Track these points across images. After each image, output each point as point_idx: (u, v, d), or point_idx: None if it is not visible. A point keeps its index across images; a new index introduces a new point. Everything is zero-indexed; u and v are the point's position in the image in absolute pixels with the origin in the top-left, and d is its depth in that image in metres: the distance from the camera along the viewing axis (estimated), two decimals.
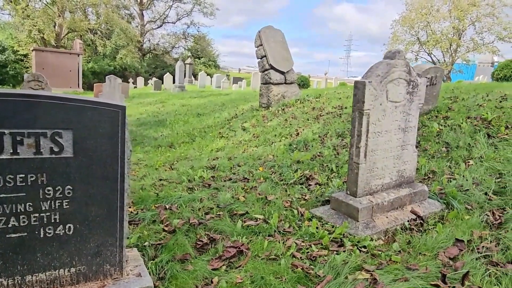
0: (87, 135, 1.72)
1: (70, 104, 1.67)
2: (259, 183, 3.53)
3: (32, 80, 8.02)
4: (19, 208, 1.63)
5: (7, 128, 1.56)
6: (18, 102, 1.56)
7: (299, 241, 2.41)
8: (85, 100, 1.71)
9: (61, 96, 1.66)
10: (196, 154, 5.55)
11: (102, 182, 1.79)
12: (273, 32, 7.97)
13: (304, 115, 6.66)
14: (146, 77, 37.89)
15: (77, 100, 1.69)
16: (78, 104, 1.68)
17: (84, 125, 1.70)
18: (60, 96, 1.66)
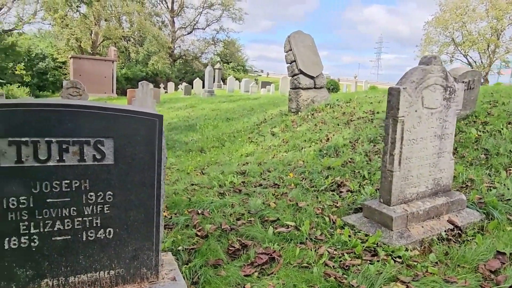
0: (126, 143, 1.79)
1: (112, 113, 1.74)
2: (289, 189, 3.53)
3: (71, 87, 8.39)
4: (64, 212, 1.72)
5: (54, 136, 1.65)
6: (64, 112, 1.65)
7: (332, 249, 2.39)
8: (125, 109, 1.78)
9: (103, 106, 1.74)
10: (226, 159, 5.62)
11: (140, 188, 1.85)
12: (303, 37, 7.96)
13: (334, 120, 6.59)
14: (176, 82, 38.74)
15: (118, 109, 1.76)
16: (119, 114, 1.76)
17: (124, 133, 1.77)
18: (102, 106, 1.74)
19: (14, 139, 1.58)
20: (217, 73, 29.04)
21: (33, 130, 1.61)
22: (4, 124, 1.55)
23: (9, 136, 1.57)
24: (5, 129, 1.56)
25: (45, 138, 1.63)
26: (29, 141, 1.61)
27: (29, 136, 1.61)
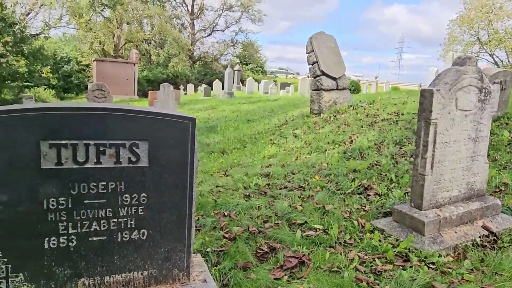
0: (160, 145, 1.81)
1: (147, 116, 1.77)
2: (315, 192, 3.50)
3: (96, 89, 8.58)
4: (100, 213, 1.75)
5: (92, 139, 1.69)
6: (102, 115, 1.69)
7: (362, 253, 2.35)
8: (159, 113, 1.80)
9: (138, 109, 1.77)
10: (249, 161, 5.62)
11: (173, 190, 1.87)
12: (325, 38, 7.90)
13: (357, 122, 6.51)
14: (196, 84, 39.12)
15: (153, 113, 1.79)
16: (154, 117, 1.78)
17: (158, 136, 1.80)
18: (137, 109, 1.77)
19: (54, 141, 1.62)
20: (236, 74, 29.17)
21: (72, 133, 1.65)
22: (46, 127, 1.60)
23: (50, 139, 1.62)
24: (46, 132, 1.60)
25: (83, 141, 1.67)
26: (68, 143, 1.65)
27: (69, 139, 1.65)
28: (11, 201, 1.59)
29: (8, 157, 1.56)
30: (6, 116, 1.53)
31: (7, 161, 1.56)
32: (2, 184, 1.57)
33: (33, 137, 1.59)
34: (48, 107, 1.61)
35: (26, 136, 1.58)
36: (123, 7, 27.90)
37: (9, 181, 1.58)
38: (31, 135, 1.58)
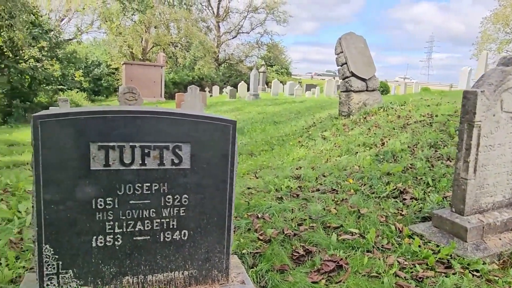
0: (202, 148, 1.84)
1: (189, 119, 1.80)
2: (349, 195, 3.45)
3: (127, 92, 8.81)
4: (145, 213, 1.80)
5: (137, 141, 1.73)
6: (147, 118, 1.73)
7: (401, 259, 2.30)
8: (202, 115, 1.83)
9: (181, 112, 1.81)
10: (278, 163, 5.62)
11: (214, 192, 1.90)
12: (354, 38, 7.79)
13: (388, 124, 6.37)
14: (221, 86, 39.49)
15: (195, 116, 1.82)
16: (196, 120, 1.81)
17: (200, 138, 1.83)
18: (180, 112, 1.80)
19: (103, 144, 1.68)
20: (261, 76, 29.24)
21: (120, 136, 1.70)
22: (95, 130, 1.66)
23: (99, 141, 1.67)
24: (96, 134, 1.66)
25: (129, 143, 1.72)
26: (116, 146, 1.70)
27: (116, 141, 1.70)
28: (62, 200, 1.66)
29: (61, 158, 1.63)
30: (61, 119, 1.60)
31: (59, 162, 1.63)
32: (54, 184, 1.64)
33: (84, 139, 1.65)
34: (98, 110, 1.67)
35: (78, 138, 1.64)
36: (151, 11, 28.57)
37: (61, 181, 1.65)
38: (82, 137, 1.65)
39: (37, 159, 1.61)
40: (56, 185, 1.65)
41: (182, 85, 37.30)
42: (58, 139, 1.62)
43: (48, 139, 1.60)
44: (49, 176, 1.63)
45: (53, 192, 1.64)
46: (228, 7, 42.68)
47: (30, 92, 17.47)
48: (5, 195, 4.57)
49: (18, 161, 7.12)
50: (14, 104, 16.44)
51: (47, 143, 1.60)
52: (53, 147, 1.61)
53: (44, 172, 1.62)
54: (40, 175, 1.62)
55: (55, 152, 1.62)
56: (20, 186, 4.86)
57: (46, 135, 1.60)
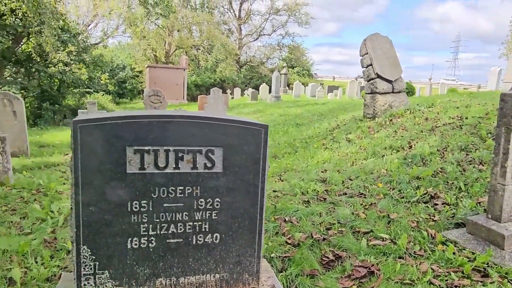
0: (234, 152, 1.85)
1: (222, 123, 1.82)
2: (377, 199, 3.39)
3: (153, 95, 8.97)
4: (178, 216, 1.82)
5: (171, 145, 1.76)
6: (181, 122, 1.76)
7: (435, 266, 2.24)
8: (234, 120, 1.84)
9: (214, 116, 1.82)
10: (302, 166, 5.58)
11: (245, 196, 1.90)
12: (380, 39, 7.67)
13: (416, 126, 6.23)
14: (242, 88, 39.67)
15: (228, 120, 1.83)
16: (229, 124, 1.83)
17: (232, 142, 1.84)
18: (213, 116, 1.82)
19: (139, 148, 1.72)
20: (283, 78, 29.18)
21: (155, 140, 1.73)
22: (132, 134, 1.69)
23: (135, 145, 1.71)
24: (132, 138, 1.70)
25: (164, 147, 1.75)
26: (150, 149, 1.74)
27: (151, 145, 1.73)
28: (99, 203, 1.70)
29: (98, 161, 1.67)
30: (99, 124, 1.64)
31: (97, 165, 1.67)
32: (92, 187, 1.68)
33: (121, 143, 1.69)
34: (135, 115, 1.71)
35: (115, 142, 1.68)
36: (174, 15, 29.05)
37: (98, 184, 1.69)
38: (119, 141, 1.68)
39: (76, 162, 1.66)
40: (94, 188, 1.69)
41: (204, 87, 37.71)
42: (96, 143, 1.66)
43: (87, 143, 1.65)
44: (87, 179, 1.67)
45: (90, 194, 1.69)
46: (249, 10, 42.90)
47: (59, 95, 18.04)
48: (38, 195, 4.73)
49: (49, 162, 7.36)
50: (44, 107, 17.02)
51: (85, 147, 1.65)
52: (91, 151, 1.66)
53: (82, 175, 1.67)
54: (79, 178, 1.67)
55: (93, 156, 1.66)
56: (52, 186, 5.03)
57: (85, 139, 1.65)
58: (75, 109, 18.43)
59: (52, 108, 17.04)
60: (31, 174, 5.98)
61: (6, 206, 4.27)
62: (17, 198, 4.53)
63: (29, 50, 16.01)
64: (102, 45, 25.89)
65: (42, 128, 15.67)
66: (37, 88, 17.04)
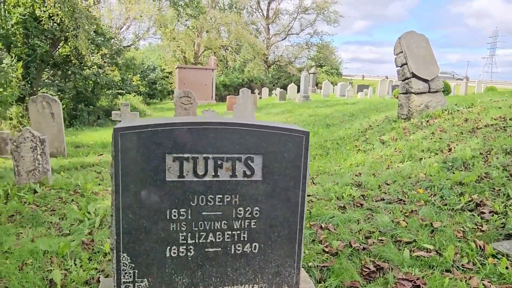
0: (274, 159, 1.79)
1: (262, 130, 1.76)
2: (418, 206, 3.23)
3: (183, 96, 9.08)
4: (216, 225, 1.79)
5: (210, 153, 1.72)
6: (219, 129, 1.72)
7: (486, 281, 2.08)
8: (274, 126, 1.79)
9: (253, 123, 1.77)
10: (335, 168, 5.45)
11: (285, 204, 1.84)
12: (415, 37, 7.38)
13: (455, 128, 5.95)
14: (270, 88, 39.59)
15: (268, 126, 1.78)
16: (268, 131, 1.77)
17: (272, 150, 1.78)
18: (252, 123, 1.77)
19: (178, 155, 1.69)
20: (311, 77, 28.86)
21: (194, 147, 1.70)
22: (171, 141, 1.67)
23: (174, 152, 1.69)
24: (171, 146, 1.68)
25: (203, 155, 1.72)
26: (190, 157, 1.71)
27: (190, 152, 1.70)
28: (139, 210, 1.69)
29: (138, 169, 1.66)
30: (140, 131, 1.63)
31: (137, 173, 1.66)
32: (132, 194, 1.67)
33: (160, 151, 1.67)
34: (175, 122, 1.68)
35: (155, 150, 1.66)
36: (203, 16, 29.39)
37: (138, 192, 1.68)
38: (159, 149, 1.66)
39: (116, 169, 1.65)
40: (134, 195, 1.68)
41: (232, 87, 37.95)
42: (136, 150, 1.65)
43: (127, 150, 1.64)
44: (127, 186, 1.67)
45: (130, 201, 1.68)
46: (278, 9, 42.73)
47: (93, 96, 18.65)
48: (75, 196, 4.87)
49: (85, 162, 7.58)
50: (79, 108, 17.64)
51: (126, 154, 1.64)
52: (131, 158, 1.65)
53: (122, 182, 1.66)
54: (119, 185, 1.66)
55: (133, 163, 1.65)
56: (88, 187, 5.16)
57: (126, 146, 1.64)
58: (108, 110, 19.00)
59: (87, 109, 17.64)
60: (68, 174, 6.18)
61: (45, 206, 4.41)
62: (55, 198, 4.68)
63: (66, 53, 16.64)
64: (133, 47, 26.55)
65: (77, 128, 16.26)
66: (73, 90, 17.69)
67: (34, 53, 15.11)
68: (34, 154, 5.25)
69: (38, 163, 5.28)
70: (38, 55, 15.16)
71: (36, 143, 5.24)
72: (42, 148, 5.28)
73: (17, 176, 5.25)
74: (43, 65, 16.45)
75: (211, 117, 1.89)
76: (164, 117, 1.66)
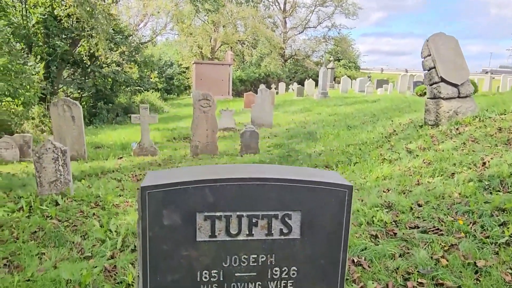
0: (314, 215, 1.63)
1: (300, 185, 1.60)
2: (457, 238, 3.02)
3: (202, 99, 8.97)
4: (250, 287, 1.65)
5: (244, 210, 1.58)
6: (253, 186, 1.57)
7: None
8: (314, 181, 1.62)
9: (291, 178, 1.61)
10: (361, 182, 5.25)
11: (325, 263, 1.68)
12: (444, 40, 7.04)
13: (488, 138, 5.64)
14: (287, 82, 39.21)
15: (307, 181, 1.61)
16: (308, 185, 1.61)
17: (312, 205, 1.62)
18: (290, 178, 1.61)
19: (209, 214, 1.55)
20: (330, 73, 28.39)
21: (226, 205, 1.56)
22: (202, 199, 1.53)
23: (205, 211, 1.55)
24: (202, 204, 1.54)
25: (236, 212, 1.57)
26: (222, 215, 1.56)
27: (223, 210, 1.56)
28: (168, 272, 1.56)
29: (167, 228, 1.53)
30: (169, 190, 1.49)
31: (165, 233, 1.53)
32: (160, 255, 1.55)
33: (190, 210, 1.53)
34: (206, 179, 1.54)
35: (184, 209, 1.53)
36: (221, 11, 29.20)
37: (167, 252, 1.55)
38: (189, 207, 1.53)
39: (143, 229, 1.53)
40: (161, 256, 1.55)
41: (248, 82, 37.75)
42: (164, 210, 1.52)
43: (155, 209, 1.51)
44: (154, 247, 1.54)
45: (158, 262, 1.56)
46: (295, 2, 42.12)
47: (112, 94, 18.79)
48: (97, 209, 4.83)
49: (105, 167, 7.58)
50: (98, 106, 17.82)
51: (153, 213, 1.51)
52: (159, 217, 1.52)
53: (150, 243, 1.53)
54: (147, 245, 1.54)
55: (161, 222, 1.52)
56: (109, 199, 5.12)
57: (153, 205, 1.51)
58: (126, 107, 19.14)
59: (106, 107, 17.80)
60: (89, 182, 6.17)
61: (67, 221, 4.38)
62: (77, 212, 4.65)
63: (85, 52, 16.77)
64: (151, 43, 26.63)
65: (97, 126, 16.43)
66: (92, 88, 17.86)
67: (54, 52, 15.28)
68: (55, 165, 5.24)
69: (60, 174, 5.27)
70: (59, 54, 15.32)
71: (58, 154, 5.22)
72: (64, 159, 5.26)
73: (39, 187, 5.25)
74: (63, 63, 16.63)
75: (241, 168, 1.72)
76: (193, 168, 1.55)
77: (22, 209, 4.72)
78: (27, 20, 14.92)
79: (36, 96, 11.78)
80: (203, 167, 1.82)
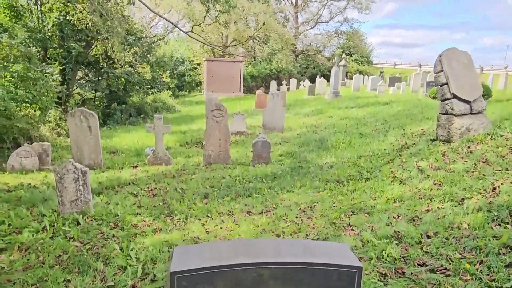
0: None
1: (317, 268, 1.75)
2: (464, 281, 3.13)
3: (215, 110, 9.12)
4: None
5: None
6: (274, 269, 1.71)
7: None
8: (328, 264, 1.76)
9: (307, 261, 1.75)
10: (372, 203, 5.36)
11: None
12: (457, 55, 7.03)
13: (499, 159, 5.67)
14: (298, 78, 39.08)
15: (321, 264, 1.76)
16: (322, 268, 1.75)
17: (326, 285, 1.76)
18: (307, 261, 1.75)
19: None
20: (341, 71, 28.23)
21: (248, 286, 1.71)
22: (226, 282, 1.68)
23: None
24: (225, 286, 1.69)
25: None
26: None
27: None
28: None
29: None
30: (195, 274, 1.65)
31: None
32: None
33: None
34: (228, 264, 1.69)
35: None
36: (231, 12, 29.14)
37: None
38: None
39: None
40: None
41: (259, 78, 37.75)
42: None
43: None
44: None
45: None
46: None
47: (125, 94, 19.08)
48: (116, 230, 5.05)
49: (121, 179, 7.80)
50: (112, 107, 18.12)
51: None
52: None
53: None
54: None
55: None
56: (127, 219, 5.34)
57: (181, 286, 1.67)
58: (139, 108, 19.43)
59: (119, 108, 18.10)
60: (107, 198, 6.40)
61: (89, 243, 4.61)
62: (98, 233, 4.87)
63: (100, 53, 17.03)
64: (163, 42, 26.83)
65: (111, 128, 16.74)
66: (106, 89, 18.15)
67: (69, 55, 15.57)
68: (76, 185, 5.46)
69: (80, 193, 5.50)
70: (73, 56, 15.60)
71: (78, 175, 5.45)
72: (84, 179, 5.48)
73: (61, 206, 5.49)
74: (77, 65, 16.93)
75: (257, 244, 1.87)
76: (215, 246, 1.64)
77: (46, 229, 4.96)
78: (43, 24, 15.20)
79: (53, 101, 12.09)
80: (224, 244, 1.97)
